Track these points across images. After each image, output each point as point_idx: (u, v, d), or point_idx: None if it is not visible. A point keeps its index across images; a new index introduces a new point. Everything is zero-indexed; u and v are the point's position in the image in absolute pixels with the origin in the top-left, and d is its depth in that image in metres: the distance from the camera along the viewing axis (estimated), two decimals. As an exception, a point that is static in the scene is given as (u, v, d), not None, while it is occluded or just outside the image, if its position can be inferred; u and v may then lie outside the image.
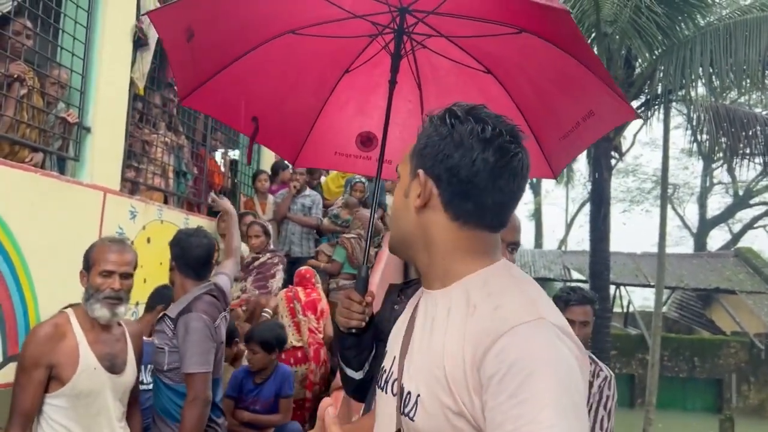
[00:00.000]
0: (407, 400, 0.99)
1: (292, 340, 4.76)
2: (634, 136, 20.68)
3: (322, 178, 7.33)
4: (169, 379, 2.64)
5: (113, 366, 2.42)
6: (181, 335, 2.58)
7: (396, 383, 1.05)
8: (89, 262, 2.43)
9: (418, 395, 0.96)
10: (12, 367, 2.36)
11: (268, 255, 5.23)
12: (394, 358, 1.10)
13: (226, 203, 3.73)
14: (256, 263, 5.20)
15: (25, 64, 3.71)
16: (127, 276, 2.45)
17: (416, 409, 0.96)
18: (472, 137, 1.01)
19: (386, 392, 1.09)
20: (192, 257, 2.75)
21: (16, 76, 3.59)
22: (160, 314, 2.79)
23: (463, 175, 1.01)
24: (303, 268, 5.36)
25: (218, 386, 2.84)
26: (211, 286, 2.80)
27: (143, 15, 4.41)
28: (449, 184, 1.02)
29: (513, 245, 1.76)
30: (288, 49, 2.43)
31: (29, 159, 3.73)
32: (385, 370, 1.13)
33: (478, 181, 1.01)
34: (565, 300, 2.83)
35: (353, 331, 1.80)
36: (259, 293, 5.07)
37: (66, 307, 2.52)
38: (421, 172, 1.05)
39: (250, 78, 2.47)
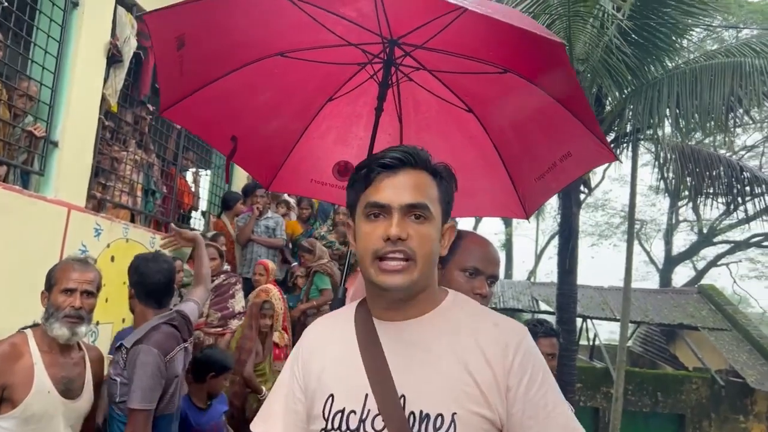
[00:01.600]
0: (438, 423, 1.07)
1: (284, 339, 5.01)
2: (604, 171, 21.08)
3: (292, 215, 7.12)
4: (121, 411, 2.48)
5: (68, 391, 2.34)
6: (130, 368, 2.44)
7: (380, 417, 1.09)
8: (51, 281, 2.38)
9: (454, 413, 1.07)
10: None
11: (223, 276, 5.17)
12: (366, 395, 1.12)
13: (189, 233, 3.54)
14: (212, 286, 5.12)
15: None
16: (90, 294, 2.39)
17: (454, 427, 1.07)
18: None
19: (363, 430, 1.11)
20: (151, 284, 2.64)
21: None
22: (118, 344, 2.64)
23: None
24: (266, 262, 5.54)
25: (170, 422, 2.68)
26: (172, 314, 2.68)
27: (139, 15, 4.35)
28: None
29: (492, 278, 1.78)
30: (275, 71, 2.42)
31: (-9, 172, 3.65)
32: (351, 411, 1.13)
33: None
34: (532, 332, 2.82)
35: None
36: (221, 315, 5.00)
37: (25, 328, 2.44)
38: (454, 223, 1.26)
39: (233, 97, 2.44)
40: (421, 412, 1.09)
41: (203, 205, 6.94)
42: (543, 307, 17.15)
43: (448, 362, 1.12)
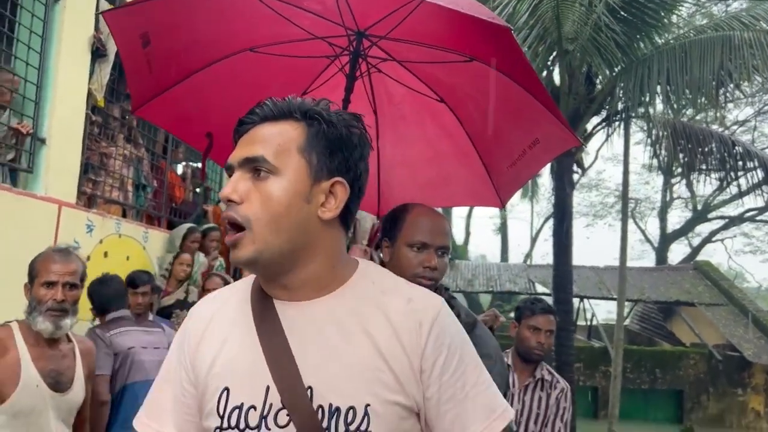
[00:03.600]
0: (350, 416, 0.93)
1: None
2: (597, 151, 21.07)
3: None
4: None
5: (57, 384, 2.30)
6: None
7: (283, 413, 0.94)
8: (33, 273, 2.33)
9: (368, 405, 0.94)
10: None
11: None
12: (268, 387, 0.96)
13: None
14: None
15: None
16: (72, 286, 2.32)
17: (368, 420, 0.93)
18: (361, 135, 1.04)
19: (264, 428, 0.95)
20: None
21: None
22: None
23: (363, 178, 1.05)
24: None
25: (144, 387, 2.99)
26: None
27: (100, 13, 4.29)
28: (355, 190, 1.03)
29: (442, 249, 1.73)
30: (246, 67, 2.41)
31: (-22, 171, 3.62)
32: (251, 407, 0.96)
33: (363, 181, 1.05)
34: (530, 309, 2.89)
35: None
36: None
37: (10, 321, 2.41)
38: (339, 180, 1.00)
39: (205, 93, 2.43)
40: (330, 405, 0.94)
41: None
42: (540, 288, 17.22)
43: (357, 346, 0.96)
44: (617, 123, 10.91)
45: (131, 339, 3.32)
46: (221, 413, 0.98)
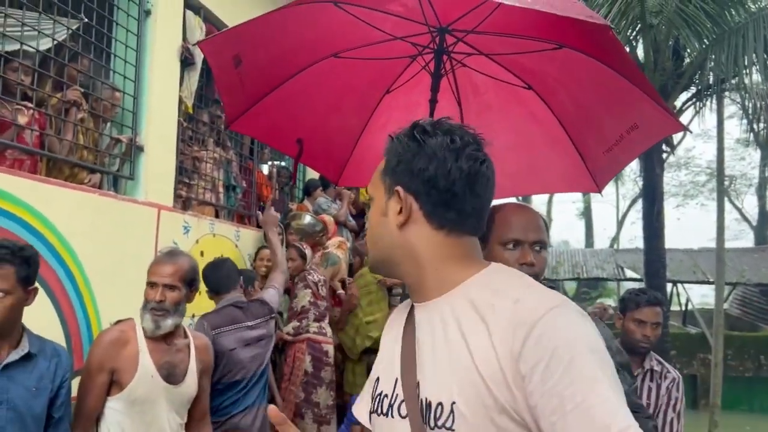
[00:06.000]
0: (438, 412, 0.98)
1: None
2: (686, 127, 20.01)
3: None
4: None
5: (171, 375, 2.46)
6: None
7: (404, 404, 1.04)
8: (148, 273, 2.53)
9: (453, 403, 0.96)
10: (78, 380, 2.46)
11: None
12: (396, 379, 1.09)
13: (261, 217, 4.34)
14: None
15: (80, 87, 3.86)
16: (172, 288, 2.45)
17: (453, 418, 0.96)
18: (444, 149, 1.07)
19: (391, 416, 1.08)
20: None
21: (73, 101, 3.74)
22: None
23: (442, 185, 1.07)
24: (326, 219, 5.94)
25: (229, 390, 3.31)
26: (239, 300, 3.52)
27: (194, 45, 4.55)
28: (429, 196, 1.08)
29: (539, 244, 1.68)
30: (330, 72, 2.51)
31: (88, 180, 3.87)
32: (385, 395, 1.11)
33: (456, 189, 1.07)
34: (635, 301, 2.82)
35: None
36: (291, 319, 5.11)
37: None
38: (399, 189, 1.09)
39: (293, 101, 2.55)
40: (426, 399, 1.00)
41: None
42: (629, 274, 16.60)
43: (453, 346, 1.00)
44: (708, 97, 10.32)
45: (233, 339, 3.38)
46: (372, 398, 1.15)
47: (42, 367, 2.14)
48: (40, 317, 2.97)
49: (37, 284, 2.18)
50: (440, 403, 0.98)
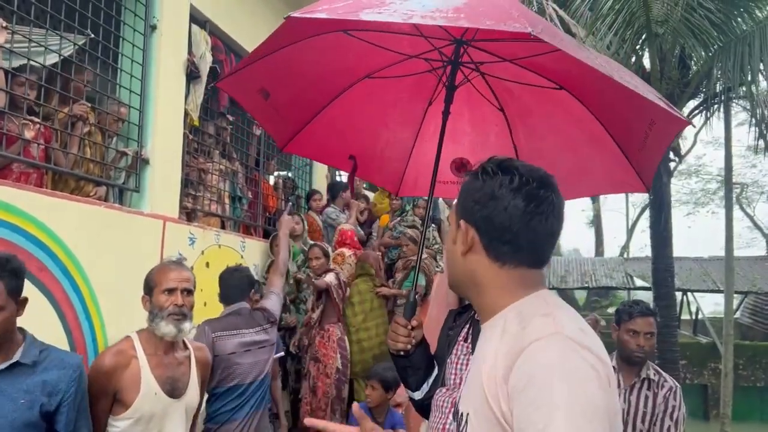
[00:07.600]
0: (462, 420, 1.15)
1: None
2: (695, 135, 19.89)
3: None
4: None
5: (173, 390, 2.48)
6: None
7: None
8: (151, 285, 2.54)
9: (468, 413, 1.12)
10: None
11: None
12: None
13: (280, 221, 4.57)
14: None
15: (87, 102, 3.92)
16: (189, 292, 2.54)
17: (467, 426, 1.12)
18: (502, 188, 1.17)
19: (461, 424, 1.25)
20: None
21: (79, 115, 3.80)
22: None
23: (497, 222, 1.17)
24: (347, 228, 6.03)
25: (228, 395, 3.34)
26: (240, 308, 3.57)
27: (212, 86, 4.70)
28: (486, 231, 1.19)
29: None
30: (369, 92, 2.66)
31: (93, 193, 3.93)
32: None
33: (512, 225, 1.15)
34: (628, 312, 2.95)
35: (401, 353, 1.93)
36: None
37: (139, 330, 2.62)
38: (462, 222, 1.22)
39: (339, 122, 2.74)
40: (458, 410, 1.20)
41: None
42: (639, 283, 16.49)
43: (478, 362, 1.15)
44: (716, 105, 10.28)
45: (231, 344, 3.40)
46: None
47: (36, 380, 2.06)
48: (46, 329, 3.01)
49: (26, 294, 2.14)
50: (462, 413, 1.16)
